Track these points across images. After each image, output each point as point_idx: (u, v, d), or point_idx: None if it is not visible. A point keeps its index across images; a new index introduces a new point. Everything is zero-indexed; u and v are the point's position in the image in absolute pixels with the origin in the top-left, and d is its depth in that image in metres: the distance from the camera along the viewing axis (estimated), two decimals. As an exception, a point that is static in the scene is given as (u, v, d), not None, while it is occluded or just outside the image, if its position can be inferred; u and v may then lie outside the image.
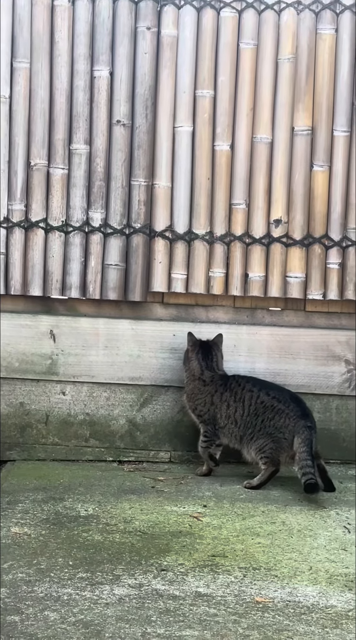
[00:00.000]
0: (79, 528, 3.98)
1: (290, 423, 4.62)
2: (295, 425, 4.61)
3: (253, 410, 4.69)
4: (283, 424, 4.63)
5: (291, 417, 4.63)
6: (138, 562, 3.64)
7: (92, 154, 4.92)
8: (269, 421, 4.65)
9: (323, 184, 4.98)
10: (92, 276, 4.94)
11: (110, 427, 5.05)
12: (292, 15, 4.90)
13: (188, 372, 4.86)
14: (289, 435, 4.61)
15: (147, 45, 4.88)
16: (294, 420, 4.62)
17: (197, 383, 4.82)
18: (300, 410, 4.66)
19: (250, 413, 4.70)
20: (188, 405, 4.86)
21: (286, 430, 4.62)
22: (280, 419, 4.64)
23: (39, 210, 4.92)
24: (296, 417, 4.63)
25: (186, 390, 4.87)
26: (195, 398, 4.81)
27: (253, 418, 4.69)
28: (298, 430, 4.59)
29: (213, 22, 4.89)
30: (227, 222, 4.97)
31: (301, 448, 4.55)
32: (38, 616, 3.12)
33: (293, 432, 4.60)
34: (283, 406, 4.66)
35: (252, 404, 4.70)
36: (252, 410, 4.70)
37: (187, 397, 4.86)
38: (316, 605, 3.32)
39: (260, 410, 4.68)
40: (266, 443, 4.63)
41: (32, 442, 5.02)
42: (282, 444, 4.62)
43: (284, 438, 4.62)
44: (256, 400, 4.70)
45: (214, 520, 4.16)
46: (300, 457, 4.53)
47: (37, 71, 4.87)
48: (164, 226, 4.95)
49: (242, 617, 3.19)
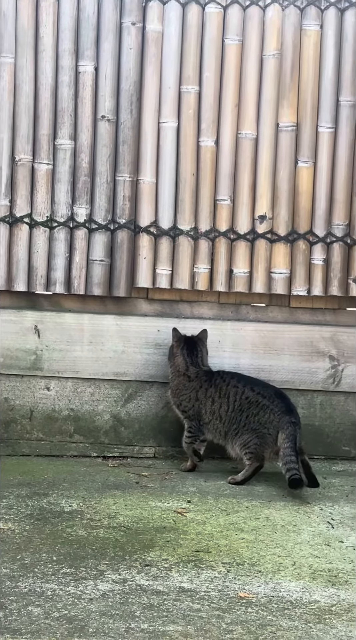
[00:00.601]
0: (63, 523, 3.98)
1: (274, 419, 4.63)
2: (279, 421, 4.62)
3: (237, 406, 4.70)
4: (268, 419, 4.64)
5: (276, 412, 4.64)
6: (122, 557, 3.64)
7: (77, 150, 4.91)
8: (254, 417, 4.66)
9: (308, 180, 4.98)
10: (77, 272, 4.93)
11: (94, 423, 5.04)
12: (277, 12, 4.90)
13: (173, 367, 4.86)
14: (273, 431, 4.62)
15: (132, 40, 4.88)
16: (278, 416, 4.63)
17: (181, 379, 4.82)
18: (284, 405, 4.66)
19: (234, 409, 4.71)
20: (172, 400, 4.87)
21: (270, 426, 4.63)
22: (265, 414, 4.65)
23: (23, 206, 4.91)
24: (281, 412, 4.63)
25: (171, 386, 4.87)
26: (180, 394, 4.82)
27: (238, 414, 4.69)
28: (282, 426, 4.60)
29: (198, 17, 4.89)
30: (211, 218, 4.97)
31: (285, 444, 4.56)
32: (22, 611, 3.12)
33: (278, 427, 4.61)
34: (267, 402, 4.67)
35: (237, 399, 4.71)
36: (237, 406, 4.70)
37: (172, 393, 4.86)
38: (299, 600, 3.33)
39: (244, 406, 4.69)
40: (250, 439, 4.64)
41: (17, 437, 5.01)
42: (267, 439, 4.63)
43: (268, 434, 4.63)
44: (241, 396, 4.71)
45: (198, 515, 4.16)
46: (284, 453, 4.54)
47: (22, 66, 4.86)
48: (149, 222, 4.95)
49: (226, 612, 3.19)
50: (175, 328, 4.86)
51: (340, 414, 5.10)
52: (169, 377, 4.89)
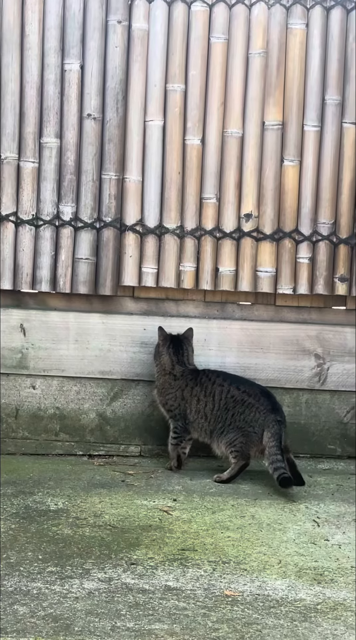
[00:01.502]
0: (48, 522, 3.98)
1: (260, 417, 4.64)
2: (264, 420, 4.62)
3: (223, 405, 4.70)
4: (253, 417, 4.64)
5: (261, 411, 4.64)
6: (108, 556, 3.64)
7: (63, 148, 4.91)
8: (239, 415, 4.66)
9: (294, 178, 4.99)
10: (63, 270, 4.93)
11: (80, 421, 5.04)
12: (263, 10, 4.90)
13: (159, 366, 4.86)
14: (259, 429, 4.62)
15: (118, 39, 4.87)
16: (264, 415, 4.63)
17: (167, 377, 4.82)
18: (270, 404, 4.67)
19: (220, 407, 4.71)
20: (158, 399, 4.87)
21: (256, 424, 4.63)
22: (250, 412, 4.65)
23: (9, 204, 4.90)
24: (266, 411, 4.64)
25: (157, 385, 4.87)
26: (165, 392, 4.82)
27: (224, 412, 4.69)
28: (267, 424, 4.60)
29: (184, 16, 4.88)
30: (197, 216, 4.97)
31: (270, 442, 4.56)
32: (7, 610, 3.12)
33: (263, 426, 4.61)
34: (253, 400, 4.67)
35: (222, 398, 4.71)
36: (222, 404, 4.70)
37: (158, 392, 4.86)
38: (285, 598, 3.33)
39: (230, 404, 4.69)
40: (236, 437, 4.64)
41: (2, 436, 5.00)
42: (252, 438, 4.63)
43: (254, 432, 4.63)
44: (226, 394, 4.71)
45: (184, 514, 4.16)
46: (269, 452, 4.55)
47: (7, 64, 4.85)
48: (135, 220, 4.95)
49: (211, 611, 3.19)
50: (160, 327, 4.86)
51: (326, 413, 5.10)
52: (155, 376, 4.89)
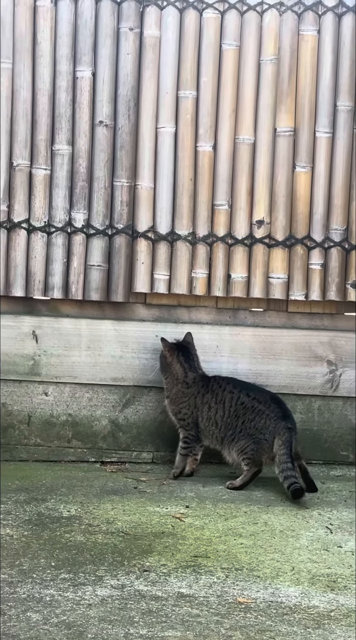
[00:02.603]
0: (61, 529, 3.98)
1: (270, 424, 4.63)
2: (275, 427, 4.61)
3: (233, 412, 4.69)
4: (264, 425, 4.63)
5: (272, 418, 4.63)
6: (120, 562, 3.64)
7: (75, 155, 4.92)
8: (250, 422, 4.65)
9: (306, 184, 4.99)
10: (75, 277, 4.93)
11: (92, 428, 5.04)
12: (274, 17, 4.90)
13: (170, 377, 4.83)
14: (269, 437, 4.61)
15: (130, 46, 4.88)
16: (274, 422, 4.62)
17: (180, 386, 4.80)
18: (280, 411, 4.66)
19: (230, 414, 4.70)
20: (170, 409, 4.85)
21: (266, 432, 4.62)
22: (261, 420, 4.64)
23: (21, 211, 4.91)
24: (277, 418, 4.63)
25: (169, 395, 4.84)
26: (179, 401, 4.80)
27: (234, 419, 4.69)
28: (278, 432, 4.59)
29: (195, 23, 4.89)
30: (209, 222, 4.97)
31: (281, 450, 4.55)
32: (20, 617, 3.12)
33: (274, 433, 4.60)
34: (263, 407, 4.66)
35: (233, 405, 4.70)
36: (233, 411, 4.69)
37: (170, 401, 4.84)
38: (298, 605, 3.32)
39: (240, 411, 4.68)
40: (247, 444, 4.63)
41: (15, 442, 5.01)
42: (263, 445, 4.62)
43: (265, 439, 4.62)
44: (236, 401, 4.70)
45: (197, 520, 4.16)
46: (280, 460, 4.54)
47: (20, 72, 4.86)
48: (147, 227, 4.95)
49: (225, 618, 3.19)
50: (163, 338, 4.83)
51: (338, 419, 5.10)
52: (165, 387, 4.88)
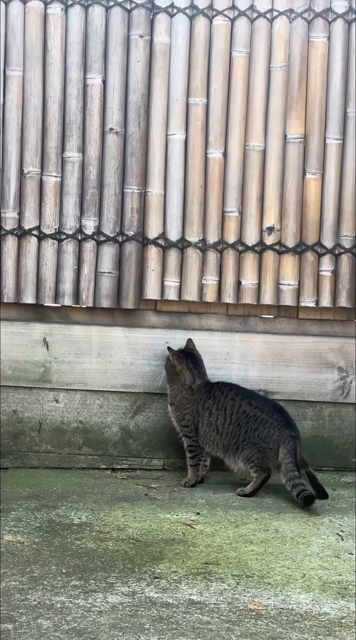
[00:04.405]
0: (72, 536, 3.98)
1: (274, 433, 4.62)
2: (279, 435, 4.61)
3: (235, 420, 4.68)
4: (268, 434, 4.62)
5: (276, 427, 4.63)
6: (131, 569, 3.64)
7: (85, 162, 4.92)
8: (253, 432, 4.64)
9: (316, 191, 4.99)
10: (85, 284, 4.94)
11: (103, 435, 5.04)
12: (284, 24, 4.91)
13: (177, 384, 4.81)
14: (274, 445, 4.60)
15: (140, 53, 4.89)
16: (279, 430, 4.62)
17: (185, 393, 4.79)
18: (283, 419, 4.65)
19: (232, 422, 4.69)
20: (175, 416, 4.84)
21: (270, 440, 4.62)
22: (264, 429, 4.63)
23: (32, 218, 4.92)
24: (281, 427, 4.62)
25: (173, 402, 4.83)
26: (183, 408, 4.80)
27: (236, 428, 4.68)
28: (283, 440, 4.59)
29: (205, 30, 4.90)
30: (219, 229, 4.97)
31: (287, 459, 4.55)
32: (31, 624, 3.12)
33: (278, 442, 4.60)
34: (266, 416, 4.65)
35: (234, 412, 4.69)
36: (234, 419, 4.68)
37: (175, 408, 4.83)
38: (309, 612, 3.32)
39: (242, 420, 4.67)
40: (252, 453, 4.62)
41: (25, 449, 5.01)
42: (268, 453, 4.61)
43: (269, 448, 4.61)
44: (238, 409, 4.69)
45: (207, 527, 4.15)
46: (286, 469, 4.54)
47: (30, 79, 4.87)
48: (157, 234, 4.96)
49: (235, 625, 3.18)
50: (169, 347, 4.83)
51: (349, 426, 5.09)
52: (169, 394, 4.87)
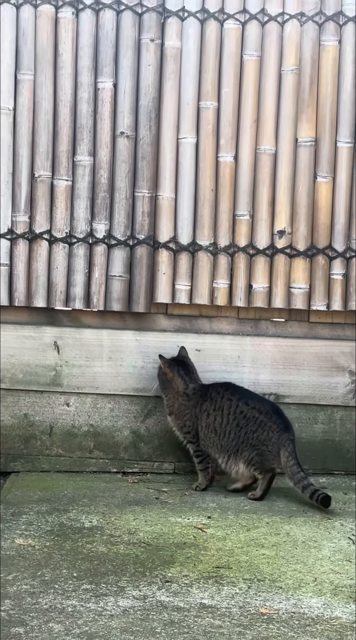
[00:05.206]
0: (83, 539, 3.98)
1: (273, 436, 4.62)
2: (279, 439, 4.61)
3: (232, 420, 4.68)
4: (267, 437, 4.62)
5: (275, 430, 4.63)
6: (142, 573, 3.63)
7: (96, 166, 4.93)
8: (252, 434, 4.64)
9: (327, 195, 4.98)
10: (96, 287, 4.94)
11: (114, 439, 5.04)
12: (295, 27, 4.91)
13: (171, 392, 4.81)
14: (273, 448, 4.61)
15: (151, 57, 4.89)
16: (278, 434, 4.62)
17: (181, 399, 4.78)
18: (282, 422, 4.66)
19: (229, 422, 4.69)
20: (175, 425, 4.82)
21: (269, 443, 4.62)
22: (264, 432, 4.63)
23: (42, 222, 4.92)
24: (280, 430, 4.63)
25: (172, 411, 4.82)
26: (182, 415, 4.79)
27: (236, 429, 4.67)
28: (282, 444, 4.60)
29: (216, 33, 4.90)
30: (230, 233, 4.97)
31: (290, 462, 4.56)
32: (42, 628, 3.12)
33: (278, 445, 4.60)
34: (265, 418, 4.65)
35: (231, 412, 4.69)
36: (232, 419, 4.68)
37: (175, 417, 4.82)
38: (321, 616, 3.31)
39: (242, 422, 4.67)
40: (252, 455, 4.62)
41: (36, 453, 5.02)
42: (267, 456, 4.62)
43: (268, 451, 4.62)
44: (235, 409, 4.69)
45: (218, 531, 4.15)
46: (292, 472, 4.55)
47: (41, 83, 4.88)
48: (168, 237, 4.96)
49: (247, 629, 3.18)
50: (161, 355, 4.82)
51: (360, 429, 5.08)
52: (166, 404, 4.85)
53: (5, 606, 3.27)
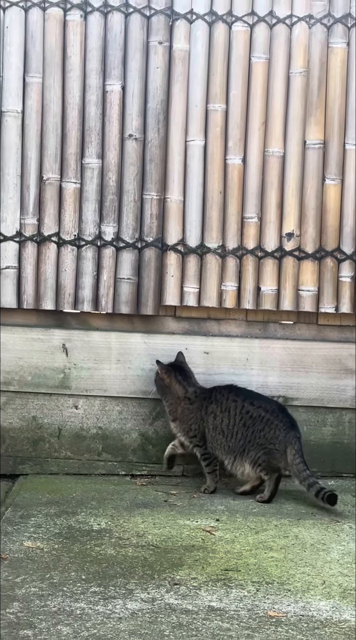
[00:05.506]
0: (91, 542, 3.98)
1: (280, 434, 4.64)
2: (286, 436, 4.63)
3: (239, 420, 4.68)
4: (274, 435, 4.64)
5: (282, 428, 4.65)
6: (151, 576, 3.63)
7: (104, 168, 4.93)
8: (259, 432, 4.65)
9: (335, 197, 4.98)
10: (105, 290, 4.94)
11: (122, 441, 5.04)
12: (304, 29, 4.90)
13: (171, 398, 4.80)
14: (281, 447, 4.62)
15: (159, 59, 4.89)
16: (285, 432, 4.64)
17: (184, 404, 4.77)
18: (289, 420, 4.68)
19: (236, 423, 4.69)
20: (181, 429, 4.80)
21: (277, 442, 4.63)
22: (271, 430, 4.65)
23: (51, 225, 4.93)
24: (287, 428, 4.65)
25: (176, 416, 4.81)
26: (187, 419, 4.78)
27: (242, 429, 4.67)
28: (289, 441, 4.62)
29: (224, 36, 4.90)
30: (239, 235, 4.97)
31: (296, 460, 4.59)
32: (51, 630, 3.12)
33: (285, 443, 4.62)
34: (271, 417, 4.67)
35: (237, 413, 4.69)
36: (239, 419, 4.68)
37: (180, 422, 4.80)
38: (329, 619, 3.31)
39: (248, 421, 4.67)
40: (258, 454, 4.63)
41: (45, 456, 5.02)
42: (275, 454, 4.63)
43: (276, 449, 4.63)
44: (241, 409, 4.69)
45: (227, 534, 4.15)
46: (298, 469, 4.57)
47: (50, 86, 4.89)
48: (176, 240, 4.96)
49: (255, 632, 3.18)
50: (158, 360, 4.81)
51: (369, 432, 5.08)
52: (168, 410, 4.84)
53: (14, 609, 3.28)
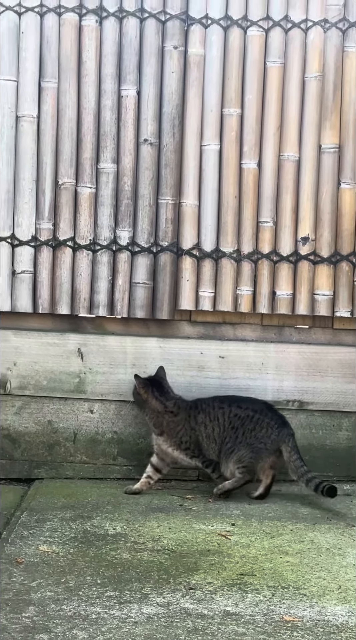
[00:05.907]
0: (107, 546, 3.98)
1: (272, 433, 4.69)
2: (278, 435, 4.68)
3: (228, 425, 4.70)
4: (265, 434, 4.68)
5: (273, 426, 4.70)
6: (166, 580, 3.63)
7: (120, 173, 4.94)
8: (250, 432, 4.68)
9: (351, 201, 4.97)
10: (120, 294, 4.95)
11: (138, 445, 5.04)
12: (319, 34, 4.90)
13: (152, 412, 4.77)
14: (272, 446, 4.67)
15: (174, 64, 4.90)
16: (277, 430, 4.69)
17: (168, 417, 4.74)
18: (279, 418, 4.73)
19: (226, 428, 4.70)
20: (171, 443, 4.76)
21: (268, 440, 4.67)
22: (261, 429, 4.68)
23: (66, 229, 4.93)
24: (278, 426, 4.70)
25: (163, 430, 4.76)
26: (175, 432, 4.74)
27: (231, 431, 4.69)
28: (283, 439, 4.67)
29: (240, 40, 4.90)
30: (254, 240, 4.97)
31: (292, 457, 4.63)
32: (66, 635, 3.12)
33: (278, 441, 4.66)
34: (261, 416, 4.71)
35: (226, 418, 4.71)
36: (228, 424, 4.70)
37: (168, 436, 4.76)
38: (345, 624, 3.30)
39: (237, 422, 4.69)
40: (245, 454, 4.67)
41: (60, 460, 5.02)
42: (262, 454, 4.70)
43: (265, 448, 4.68)
44: (229, 414, 4.70)
45: (242, 538, 4.14)
46: (295, 466, 4.62)
47: (65, 91, 4.90)
48: (191, 244, 4.96)
49: (271, 637, 3.17)
50: (136, 375, 4.79)
51: (385, 436, 5.07)
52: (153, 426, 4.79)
53: (29, 613, 3.28)
